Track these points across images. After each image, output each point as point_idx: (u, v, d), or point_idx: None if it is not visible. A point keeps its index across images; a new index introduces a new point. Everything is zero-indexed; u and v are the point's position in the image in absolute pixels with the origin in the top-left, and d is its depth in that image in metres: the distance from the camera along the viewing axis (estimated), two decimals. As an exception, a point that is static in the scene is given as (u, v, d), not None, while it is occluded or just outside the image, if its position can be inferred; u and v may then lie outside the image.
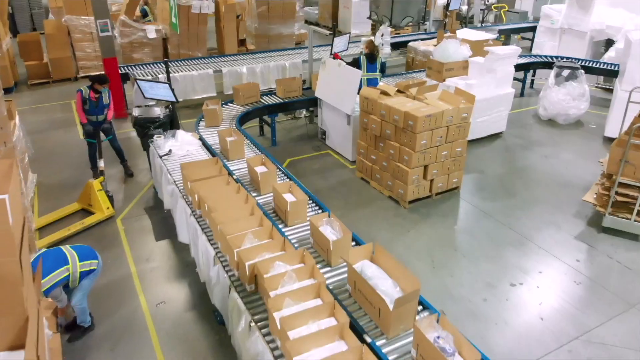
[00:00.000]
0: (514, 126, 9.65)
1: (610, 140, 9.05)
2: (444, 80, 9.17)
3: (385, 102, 6.76)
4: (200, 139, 6.85)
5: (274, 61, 11.18)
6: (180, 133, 6.67)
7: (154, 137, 6.69)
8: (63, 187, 7.41)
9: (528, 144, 9.07)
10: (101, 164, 7.22)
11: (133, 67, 10.45)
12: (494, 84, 8.85)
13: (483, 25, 15.39)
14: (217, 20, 13.56)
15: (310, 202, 5.40)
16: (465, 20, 15.36)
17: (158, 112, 7.14)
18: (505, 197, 7.28)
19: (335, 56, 9.25)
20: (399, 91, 7.20)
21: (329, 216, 4.61)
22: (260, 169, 5.72)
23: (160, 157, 6.33)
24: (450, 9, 14.50)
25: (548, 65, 11.52)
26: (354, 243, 4.57)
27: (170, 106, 7.32)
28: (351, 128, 7.99)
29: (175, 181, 5.73)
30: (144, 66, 10.54)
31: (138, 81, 6.94)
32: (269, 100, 8.79)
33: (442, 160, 6.86)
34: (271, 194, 5.32)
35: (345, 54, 10.12)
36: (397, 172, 6.80)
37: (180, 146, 6.53)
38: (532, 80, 12.15)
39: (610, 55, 11.90)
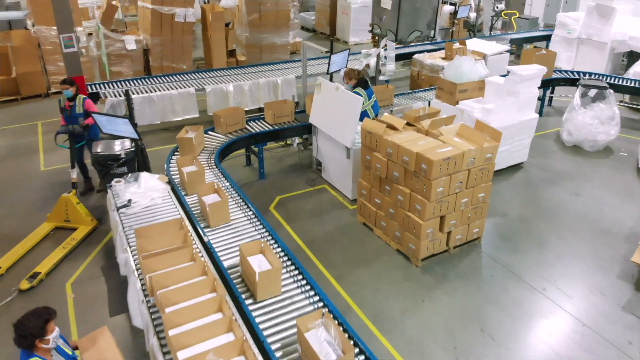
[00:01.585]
0: (536, 154, 8.49)
1: (647, 173, 7.93)
2: (457, 103, 8.02)
3: (392, 139, 5.60)
4: (170, 182, 5.68)
5: (265, 77, 10.00)
6: (143, 177, 5.49)
7: (112, 182, 5.52)
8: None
9: (554, 177, 7.91)
10: (73, 175, 6.51)
11: (105, 85, 9.26)
12: (516, 108, 7.70)
13: (492, 34, 14.24)
14: (204, 29, 12.39)
15: (289, 263, 4.27)
16: (474, 29, 14.21)
17: (118, 148, 5.98)
18: (534, 249, 6.11)
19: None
20: (408, 124, 6.04)
21: (322, 316, 3.43)
22: (209, 199, 4.95)
23: (117, 209, 5.15)
24: (458, 17, 13.36)
25: (569, 81, 10.36)
26: (362, 358, 3.39)
27: (139, 140, 6.16)
28: (351, 162, 6.83)
29: (130, 247, 4.55)
30: (119, 84, 9.36)
31: (93, 115, 5.76)
32: (256, 127, 7.62)
33: (462, 208, 5.70)
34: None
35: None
36: (408, 223, 5.64)
37: (144, 194, 5.35)
38: (551, 98, 10.98)
39: (636, 71, 10.75)
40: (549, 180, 7.80)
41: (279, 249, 4.52)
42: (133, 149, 6.02)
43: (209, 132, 7.28)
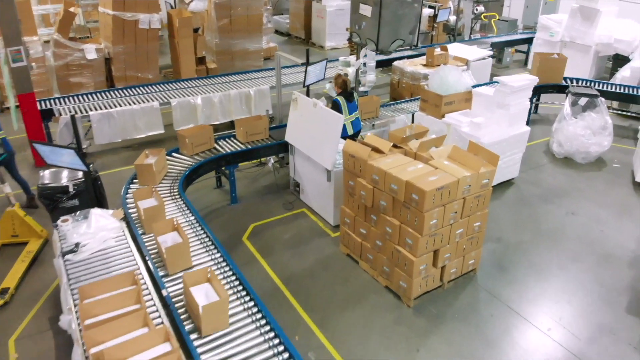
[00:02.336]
0: (526, 167, 7.99)
1: (645, 187, 7.50)
2: (443, 116, 7.48)
3: (378, 165, 4.99)
4: (126, 217, 4.97)
5: (236, 88, 9.31)
6: (94, 215, 4.76)
7: (59, 221, 4.78)
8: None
9: (547, 193, 7.42)
10: (5, 189, 5.99)
11: (61, 101, 8.44)
12: (506, 121, 7.18)
13: (472, 37, 13.80)
14: (171, 36, 11.61)
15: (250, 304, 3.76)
16: (454, 33, 13.74)
17: (67, 179, 5.24)
18: (534, 281, 5.58)
19: None
20: (394, 146, 5.44)
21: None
22: (164, 239, 4.34)
23: (63, 254, 4.42)
24: (438, 20, 12.86)
25: (557, 88, 9.93)
26: None
27: (93, 170, 5.43)
28: (332, 185, 6.21)
29: (75, 306, 3.84)
30: (77, 99, 8.54)
31: (35, 144, 5.01)
32: (227, 146, 6.93)
33: (457, 240, 5.13)
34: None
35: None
36: (398, 258, 5.04)
37: (95, 235, 4.63)
38: (537, 105, 10.54)
39: (624, 75, 10.40)
40: (543, 198, 7.30)
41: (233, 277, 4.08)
42: (83, 180, 5.27)
43: (173, 154, 6.57)
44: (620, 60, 11.63)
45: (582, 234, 6.45)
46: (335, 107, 6.67)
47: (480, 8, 14.28)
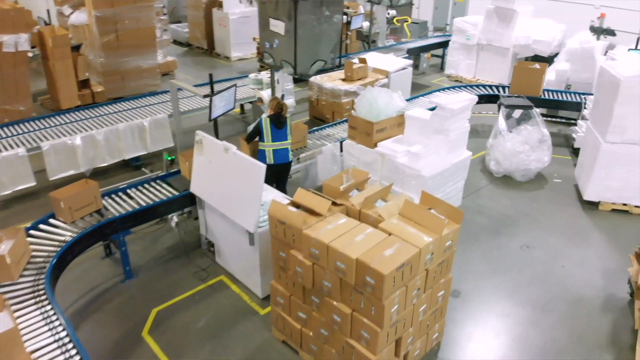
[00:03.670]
0: (466, 192, 7.19)
1: (591, 204, 6.98)
2: (376, 145, 6.46)
3: (317, 236, 3.81)
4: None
5: (127, 119, 7.73)
6: None
7: None
8: None
9: (495, 223, 6.67)
10: None
11: None
12: (446, 148, 6.30)
13: (387, 44, 13.05)
14: (44, 57, 9.67)
15: None
16: (368, 40, 12.91)
17: None
18: (505, 348, 4.70)
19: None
20: (333, 203, 4.29)
21: None
22: None
23: None
24: (351, 28, 11.94)
25: (485, 98, 9.35)
26: None
27: None
28: (257, 250, 4.95)
29: None
30: None
31: None
32: (116, 206, 5.44)
33: (420, 319, 4.09)
34: None
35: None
36: (351, 355, 3.89)
37: None
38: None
39: (549, 79, 10.06)
40: (491, 230, 6.53)
41: None
42: None
43: (48, 221, 4.97)
44: (539, 62, 11.34)
45: (543, 273, 5.72)
46: (257, 127, 5.82)
47: (392, 12, 13.59)
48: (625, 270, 5.63)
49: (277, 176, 6.18)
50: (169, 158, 6.40)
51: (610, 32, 11.99)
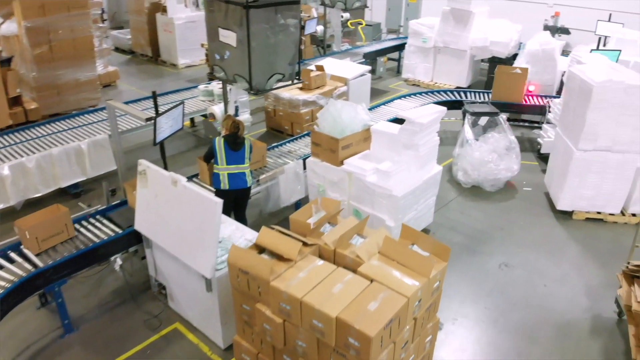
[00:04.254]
0: (436, 206, 6.76)
1: (565, 214, 6.74)
2: (342, 163, 5.96)
3: (288, 289, 3.25)
4: None
5: (62, 142, 6.91)
6: None
7: None
8: None
9: (469, 241, 6.30)
10: None
11: None
12: (417, 163, 5.87)
13: (343, 48, 12.58)
14: (-36, 73, 8.63)
15: None
16: (323, 45, 12.42)
17: None
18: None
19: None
20: (304, 244, 3.73)
21: None
22: None
23: None
24: (305, 32, 11.40)
25: (448, 104, 9.01)
26: None
27: None
28: (216, 296, 4.33)
29: None
30: None
31: None
32: (49, 250, 4.68)
33: (408, 372, 3.60)
34: None
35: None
36: (332, 423, 3.36)
37: None
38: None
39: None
40: (466, 247, 6.16)
41: None
42: None
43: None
44: (496, 63, 11.17)
45: (525, 295, 5.37)
46: (210, 149, 5.30)
47: (346, 15, 13.16)
48: (609, 286, 5.39)
49: (235, 202, 5.58)
50: (110, 189, 5.64)
51: (565, 31, 12.02)
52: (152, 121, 5.16)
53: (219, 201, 4.00)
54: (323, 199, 4.30)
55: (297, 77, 5.85)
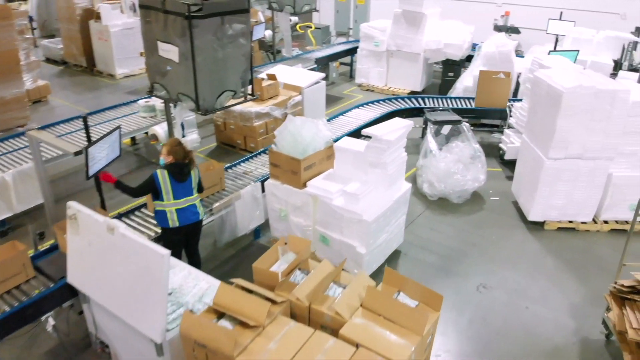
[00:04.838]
0: (405, 223, 6.38)
1: (536, 224, 6.48)
2: (305, 185, 5.42)
3: (257, 365, 2.68)
4: None
5: (-19, 173, 6.02)
6: None
7: None
8: None
9: (443, 261, 5.91)
10: None
11: None
12: (385, 182, 5.39)
13: (294, 54, 12.02)
14: None
15: None
16: (273, 50, 11.82)
17: None
18: None
19: None
20: (273, 302, 3.15)
21: None
22: None
23: None
24: (253, 38, 10.74)
25: (407, 112, 8.65)
26: None
27: None
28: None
29: None
30: None
31: None
32: None
33: None
34: None
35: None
36: None
37: None
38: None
39: (466, 85, 9.64)
40: (440, 268, 5.76)
41: None
42: None
43: None
44: (450, 66, 10.97)
45: (507, 319, 5.02)
46: (151, 183, 4.46)
47: (295, 18, 12.61)
48: (592, 304, 5.13)
49: (186, 238, 4.91)
50: (38, 232, 4.84)
51: (515, 30, 11.95)
52: (83, 153, 4.42)
53: (166, 253, 3.35)
54: (290, 237, 3.74)
55: (251, 94, 5.25)
